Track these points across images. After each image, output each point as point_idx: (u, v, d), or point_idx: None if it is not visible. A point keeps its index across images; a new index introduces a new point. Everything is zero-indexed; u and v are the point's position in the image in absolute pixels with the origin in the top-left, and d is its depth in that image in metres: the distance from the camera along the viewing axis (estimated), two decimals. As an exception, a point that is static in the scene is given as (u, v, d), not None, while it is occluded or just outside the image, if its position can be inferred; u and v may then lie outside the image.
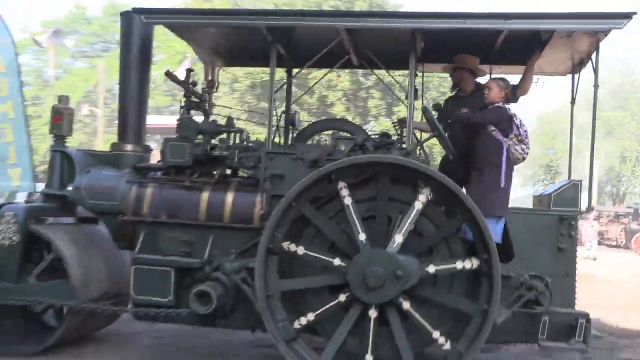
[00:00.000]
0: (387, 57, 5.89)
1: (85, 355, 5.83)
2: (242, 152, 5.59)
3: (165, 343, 6.54)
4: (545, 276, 5.15)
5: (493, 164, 5.39)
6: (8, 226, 5.66)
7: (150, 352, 6.18)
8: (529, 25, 5.32)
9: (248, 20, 5.68)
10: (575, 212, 5.38)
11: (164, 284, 5.33)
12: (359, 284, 4.82)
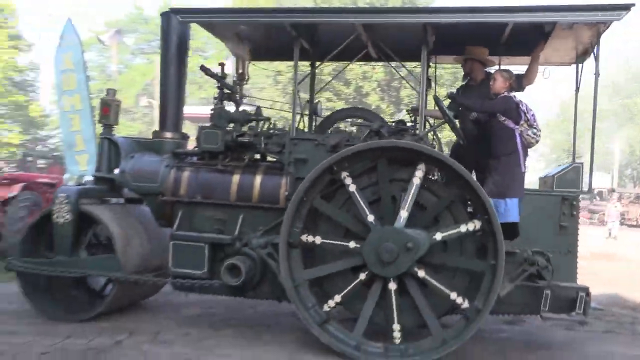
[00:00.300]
0: (402, 50, 5.86)
1: (130, 322, 5.95)
2: (268, 139, 5.67)
3: (211, 313, 6.63)
4: (548, 252, 5.13)
5: (509, 151, 5.42)
6: (61, 206, 5.78)
7: (193, 320, 6.26)
8: (532, 18, 5.21)
9: (273, 17, 5.74)
10: (577, 192, 5.33)
11: (198, 258, 5.46)
12: (374, 261, 4.91)
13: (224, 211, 5.65)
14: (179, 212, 5.78)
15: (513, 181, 5.34)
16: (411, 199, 4.95)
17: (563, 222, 5.26)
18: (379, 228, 4.98)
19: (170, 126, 6.33)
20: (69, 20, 16.56)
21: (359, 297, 5.15)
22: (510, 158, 5.41)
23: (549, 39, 5.63)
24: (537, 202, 5.38)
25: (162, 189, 5.85)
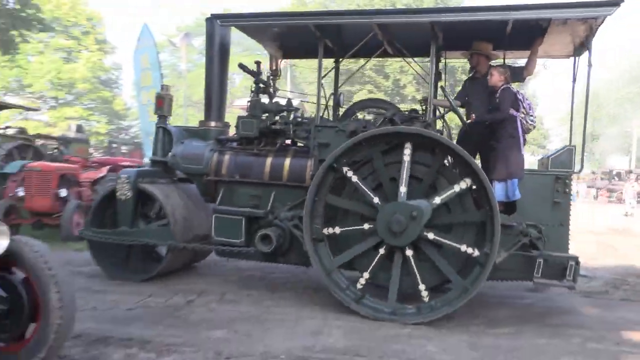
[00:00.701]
0: (414, 46, 5.82)
1: (201, 284, 6.13)
2: (296, 126, 5.77)
3: (271, 277, 6.76)
4: (542, 225, 5.12)
5: (510, 135, 5.40)
6: (123, 185, 6.03)
7: (255, 283, 6.38)
8: (529, 15, 5.08)
9: (299, 20, 5.79)
10: (569, 172, 5.26)
11: (237, 229, 5.63)
12: (388, 235, 4.96)
13: (259, 189, 5.80)
14: (221, 190, 5.96)
15: (515, 163, 5.33)
16: (406, 175, 4.99)
17: (556, 198, 5.21)
18: (385, 206, 5.01)
19: (214, 116, 6.47)
20: (145, 26, 16.92)
21: (385, 270, 5.18)
22: (513, 142, 5.40)
23: (546, 34, 5.50)
24: (534, 180, 5.34)
25: (206, 170, 6.02)
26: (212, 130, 6.38)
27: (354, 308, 4.99)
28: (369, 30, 5.59)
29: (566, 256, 5.07)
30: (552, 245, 5.14)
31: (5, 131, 15.95)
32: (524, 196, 5.25)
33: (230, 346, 4.01)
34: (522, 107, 5.54)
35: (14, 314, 3.19)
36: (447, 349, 4.16)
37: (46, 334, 3.19)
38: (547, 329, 4.83)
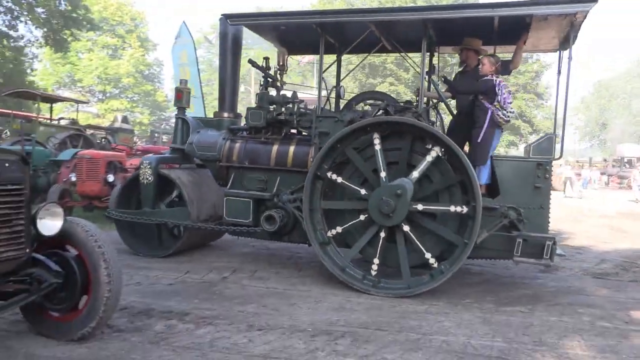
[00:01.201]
0: (410, 42, 5.75)
1: (234, 262, 6.21)
2: (300, 117, 5.79)
3: (298, 256, 6.82)
4: (523, 207, 5.08)
5: (479, 126, 5.40)
6: (145, 170, 6.18)
7: (283, 262, 6.45)
8: (512, 12, 5.02)
9: (301, 18, 5.76)
10: (549, 159, 5.18)
11: (245, 210, 5.74)
12: (382, 218, 4.99)
13: (266, 174, 5.88)
14: (232, 175, 6.06)
15: (480, 151, 5.35)
16: (382, 161, 5.05)
17: (537, 183, 5.15)
18: (372, 193, 5.04)
19: (227, 108, 6.61)
20: (184, 24, 17.02)
21: (392, 251, 5.17)
22: (481, 132, 5.38)
23: (530, 29, 5.43)
24: (517, 166, 5.30)
25: (219, 157, 6.13)
26: (225, 120, 6.50)
27: (374, 293, 4.97)
28: (366, 28, 5.60)
29: (544, 236, 5.00)
30: (533, 227, 5.09)
31: (59, 122, 16.33)
32: (509, 180, 5.23)
33: (260, 319, 4.05)
34: (497, 101, 5.44)
35: (68, 288, 3.30)
36: (461, 324, 4.13)
37: (96, 306, 3.30)
38: (557, 307, 4.75)
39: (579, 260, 7.25)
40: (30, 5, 23.71)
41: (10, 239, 3.00)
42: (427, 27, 5.27)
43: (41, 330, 3.46)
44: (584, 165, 34.06)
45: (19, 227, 3.05)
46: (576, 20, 5.00)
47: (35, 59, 29.84)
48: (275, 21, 5.89)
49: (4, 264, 2.97)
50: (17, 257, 3.05)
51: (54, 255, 3.32)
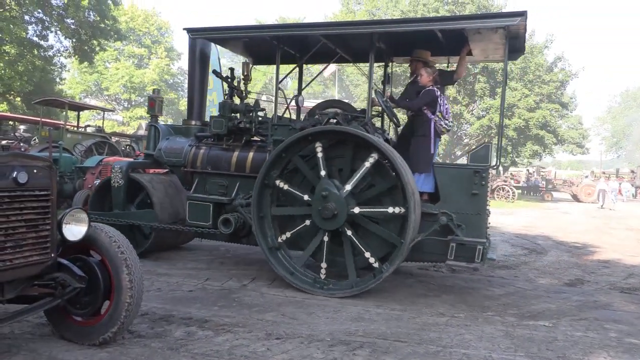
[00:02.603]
0: (364, 53, 5.80)
1: (253, 270, 6.23)
2: (259, 125, 6.03)
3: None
4: (462, 213, 5.20)
5: (422, 134, 5.59)
6: (116, 174, 6.42)
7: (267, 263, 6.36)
8: (448, 26, 5.29)
9: (257, 32, 6.02)
10: (486, 166, 5.24)
11: (206, 213, 5.94)
12: (324, 223, 5.18)
13: (227, 179, 6.09)
14: (196, 180, 6.29)
15: (423, 160, 5.50)
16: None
17: (475, 190, 5.20)
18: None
19: (195, 116, 6.84)
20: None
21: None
22: (423, 140, 5.56)
23: (470, 41, 5.63)
24: (455, 174, 5.39)
25: (185, 162, 6.36)
26: (193, 128, 6.72)
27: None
28: (318, 40, 5.76)
29: (475, 241, 5.09)
30: (471, 232, 5.17)
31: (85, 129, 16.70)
32: (449, 187, 5.31)
33: (279, 328, 4.04)
34: (439, 111, 5.59)
35: (91, 292, 3.34)
36: (482, 337, 4.05)
37: (118, 312, 3.33)
38: (583, 322, 4.62)
39: (606, 274, 7.07)
40: (60, 16, 24.40)
41: (36, 243, 3.04)
42: (373, 39, 5.42)
43: (64, 334, 3.50)
44: (610, 177, 33.34)
45: (45, 232, 3.09)
46: (512, 32, 5.16)
47: (64, 68, 30.62)
48: (232, 34, 6.20)
49: (30, 268, 3.01)
50: (43, 261, 3.09)
51: (78, 260, 3.36)
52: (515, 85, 25.74)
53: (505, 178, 27.42)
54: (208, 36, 6.31)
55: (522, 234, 11.41)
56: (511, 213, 17.79)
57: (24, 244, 2.96)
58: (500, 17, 5.12)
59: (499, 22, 5.00)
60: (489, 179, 5.32)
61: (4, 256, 2.85)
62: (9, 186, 2.89)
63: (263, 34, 5.86)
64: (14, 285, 3.01)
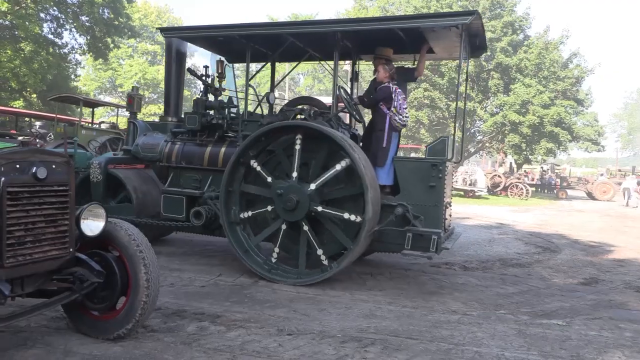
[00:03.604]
0: (331, 52, 5.85)
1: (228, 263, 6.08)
2: (231, 121, 6.21)
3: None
4: (421, 205, 5.31)
5: (379, 129, 5.75)
6: (95, 170, 6.56)
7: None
8: (404, 25, 5.46)
9: (227, 31, 6.09)
10: (443, 159, 5.36)
11: (179, 207, 6.12)
12: (285, 213, 5.36)
13: (200, 173, 6.25)
14: (171, 174, 6.42)
15: (380, 154, 5.67)
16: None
17: (432, 182, 5.32)
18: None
19: (171, 112, 6.99)
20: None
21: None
22: (380, 135, 5.72)
23: (428, 39, 5.85)
24: (414, 167, 5.50)
25: (160, 157, 6.49)
26: (169, 124, 6.86)
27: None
28: (286, 39, 5.90)
29: (430, 231, 5.19)
30: (429, 223, 5.27)
31: (99, 126, 16.87)
32: (409, 180, 5.43)
33: (290, 324, 4.06)
34: (394, 106, 5.72)
35: (108, 288, 3.37)
36: (495, 336, 4.03)
37: (134, 308, 3.36)
38: (597, 321, 4.58)
39: (621, 273, 6.99)
40: (75, 13, 24.65)
41: (55, 238, 3.06)
42: (337, 38, 5.56)
43: (80, 328, 3.54)
44: (626, 175, 32.85)
45: (63, 227, 3.11)
46: (472, 31, 5.34)
47: (79, 65, 30.94)
48: (203, 34, 6.44)
49: (49, 262, 3.04)
50: (62, 256, 3.11)
51: (95, 255, 3.38)
52: (530, 82, 25.45)
53: (519, 175, 27.18)
54: (180, 35, 6.60)
55: (536, 232, 11.31)
56: (525, 211, 17.63)
57: (43, 239, 2.99)
58: (451, 16, 5.31)
59: (451, 20, 5.17)
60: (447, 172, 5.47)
61: (24, 250, 2.88)
62: (29, 181, 2.91)
63: (232, 33, 6.02)
64: (34, 280, 3.04)
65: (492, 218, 13.83)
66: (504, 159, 29.86)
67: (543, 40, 27.15)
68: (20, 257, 2.86)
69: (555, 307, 5.02)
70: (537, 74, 25.95)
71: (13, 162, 2.86)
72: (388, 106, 5.73)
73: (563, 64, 27.54)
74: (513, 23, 26.66)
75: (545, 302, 5.20)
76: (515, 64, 25.66)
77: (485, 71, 26.58)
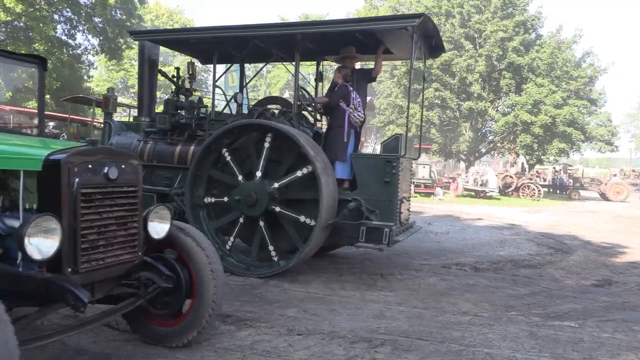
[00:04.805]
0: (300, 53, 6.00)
1: None
2: (199, 120, 6.34)
3: (338, 262, 6.81)
4: (376, 199, 5.49)
5: (338, 126, 5.96)
6: None
7: (323, 268, 6.45)
8: (354, 27, 5.65)
9: (193, 34, 6.46)
10: (396, 156, 5.53)
11: (150, 203, 6.15)
12: (244, 207, 5.56)
13: (170, 171, 6.41)
14: (144, 172, 6.45)
15: (339, 149, 5.86)
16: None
17: (386, 178, 5.49)
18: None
19: (144, 113, 7.12)
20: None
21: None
22: (339, 131, 5.91)
23: (384, 41, 6.09)
24: (370, 163, 5.68)
25: None
26: (142, 124, 6.98)
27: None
28: (250, 41, 6.11)
29: (383, 224, 5.35)
30: (384, 217, 5.45)
31: (112, 126, 16.97)
32: (366, 175, 5.60)
33: (300, 324, 4.06)
34: (352, 104, 5.96)
35: (171, 292, 3.21)
36: (506, 337, 4.00)
37: (201, 312, 3.22)
38: (610, 323, 4.53)
39: (635, 274, 6.90)
40: (88, 15, 24.89)
41: (125, 241, 2.92)
42: (296, 40, 5.71)
43: (143, 335, 3.41)
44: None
45: (133, 230, 2.97)
46: (419, 33, 5.53)
47: (91, 66, 31.22)
48: (170, 37, 6.72)
49: (120, 267, 2.89)
50: (132, 260, 2.96)
51: (158, 259, 3.22)
52: (542, 82, 25.22)
53: (531, 176, 26.94)
54: (149, 38, 6.83)
55: (548, 232, 11.20)
56: (537, 211, 17.48)
57: (115, 242, 2.85)
58: (401, 19, 5.55)
59: (401, 23, 5.36)
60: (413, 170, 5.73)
61: (97, 255, 2.74)
62: (101, 182, 2.77)
63: (198, 36, 6.25)
64: (104, 285, 2.89)
65: (504, 219, 13.73)
66: (515, 159, 29.63)
67: (555, 40, 26.87)
68: (94, 262, 2.72)
69: (568, 308, 4.98)
70: (550, 73, 25.69)
71: (85, 163, 2.70)
72: (347, 103, 5.96)
73: (576, 63, 27.25)
74: (525, 22, 26.41)
75: (558, 303, 5.16)
76: (527, 64, 25.41)
77: (496, 71, 26.38)
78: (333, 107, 6.07)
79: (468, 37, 26.48)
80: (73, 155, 2.64)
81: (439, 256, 7.49)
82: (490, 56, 25.47)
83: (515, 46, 25.41)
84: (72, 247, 2.60)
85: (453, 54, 25.79)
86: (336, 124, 6.01)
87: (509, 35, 25.54)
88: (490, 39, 25.45)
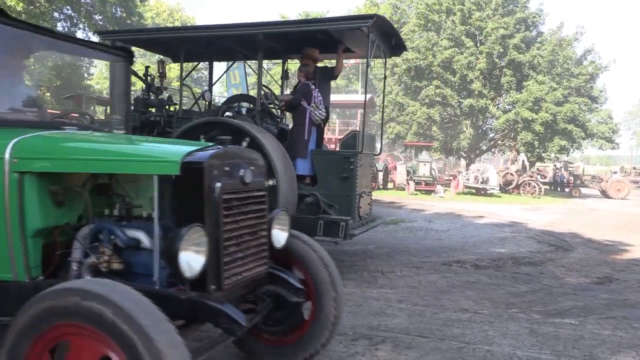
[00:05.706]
0: (265, 51, 6.10)
1: None
2: (168, 118, 6.41)
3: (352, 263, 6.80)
4: (336, 194, 5.64)
5: (299, 123, 6.07)
6: None
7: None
8: (316, 27, 5.80)
9: (157, 34, 6.67)
10: (354, 152, 5.68)
11: None
12: None
13: None
14: None
15: (300, 146, 5.95)
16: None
17: (344, 174, 5.63)
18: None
19: (116, 110, 7.07)
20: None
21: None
22: (300, 129, 6.02)
23: (343, 41, 6.17)
24: (329, 159, 5.87)
25: None
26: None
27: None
28: (216, 41, 6.21)
29: (339, 218, 5.51)
30: (343, 211, 5.62)
31: (112, 124, 17.00)
32: (326, 171, 5.75)
33: (301, 321, 4.06)
34: (313, 102, 6.05)
35: (285, 307, 2.89)
36: (506, 334, 4.01)
37: (321, 329, 2.90)
38: (610, 320, 4.53)
39: (636, 272, 6.90)
40: (88, 12, 24.88)
41: (256, 252, 2.60)
42: (260, 40, 5.75)
43: (253, 354, 3.10)
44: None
45: (263, 239, 2.66)
46: (376, 32, 5.60)
47: (92, 64, 31.23)
48: (138, 37, 6.86)
49: (253, 281, 2.58)
50: (261, 273, 2.64)
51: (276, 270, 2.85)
52: (543, 79, 25.17)
53: (532, 173, 26.93)
54: (118, 38, 6.89)
55: (549, 230, 11.20)
56: (537, 209, 17.47)
57: (249, 254, 2.54)
58: (354, 20, 5.68)
59: (354, 23, 5.48)
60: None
61: (237, 269, 2.43)
62: (237, 187, 2.45)
63: (166, 36, 6.36)
64: (234, 302, 2.41)
65: (504, 216, 13.73)
66: (516, 157, 29.59)
67: (557, 37, 26.81)
68: (233, 277, 2.41)
69: (568, 306, 4.98)
70: (551, 70, 25.65)
71: (223, 165, 2.39)
72: (308, 102, 6.05)
73: (577, 60, 27.20)
74: (526, 19, 26.35)
75: (558, 300, 5.16)
76: (528, 61, 25.36)
77: (497, 68, 26.34)
78: (295, 106, 6.16)
79: (469, 34, 26.42)
80: (213, 157, 2.33)
81: (440, 254, 7.50)
82: (491, 53, 25.41)
83: (516, 43, 25.35)
84: (216, 261, 2.29)
85: (454, 51, 25.74)
86: (298, 122, 6.12)
87: (510, 33, 25.48)
88: (491, 36, 25.37)
